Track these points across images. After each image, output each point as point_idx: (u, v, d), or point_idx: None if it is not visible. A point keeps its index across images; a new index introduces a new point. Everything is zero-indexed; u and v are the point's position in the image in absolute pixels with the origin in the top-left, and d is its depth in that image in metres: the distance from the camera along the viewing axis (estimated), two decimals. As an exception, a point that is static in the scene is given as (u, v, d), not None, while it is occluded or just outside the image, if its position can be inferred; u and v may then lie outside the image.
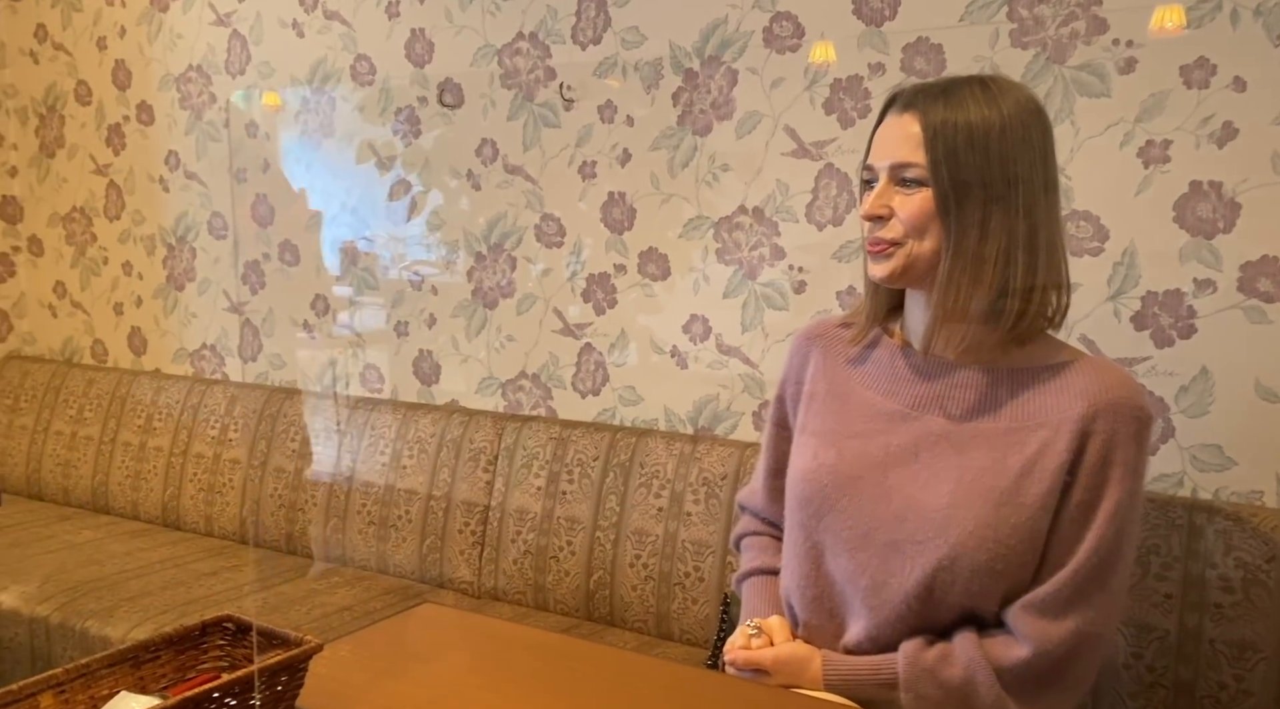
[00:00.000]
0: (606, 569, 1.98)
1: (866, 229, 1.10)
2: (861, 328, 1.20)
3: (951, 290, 1.06)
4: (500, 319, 2.30)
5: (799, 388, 1.25)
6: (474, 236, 2.31)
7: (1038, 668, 1.03)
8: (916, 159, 1.04)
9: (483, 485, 2.15)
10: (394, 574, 2.23)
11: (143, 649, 0.92)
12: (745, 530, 1.35)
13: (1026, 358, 1.10)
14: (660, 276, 2.08)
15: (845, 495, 1.11)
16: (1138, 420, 1.05)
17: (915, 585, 1.05)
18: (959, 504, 1.05)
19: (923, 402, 1.12)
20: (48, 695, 0.84)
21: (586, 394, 2.21)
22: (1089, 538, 1.03)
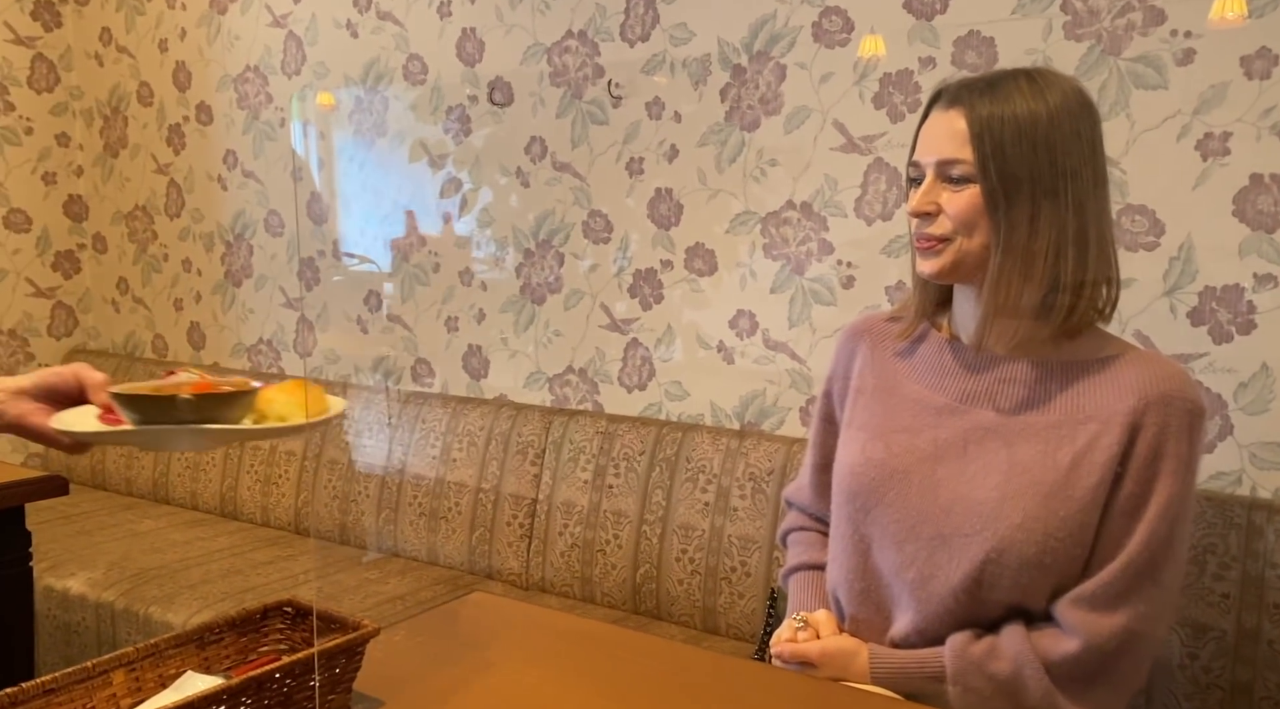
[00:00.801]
0: (653, 563, 1.99)
1: (914, 225, 1.09)
2: (910, 323, 1.19)
3: (1002, 286, 1.05)
4: (548, 314, 2.32)
5: (846, 383, 1.25)
6: (523, 233, 2.33)
7: (1087, 662, 1.02)
8: (963, 155, 1.04)
9: (530, 478, 2.17)
10: (444, 565, 2.26)
11: (207, 631, 0.96)
12: (792, 526, 1.35)
13: (1076, 351, 1.09)
14: (707, 272, 2.09)
15: (893, 489, 1.11)
16: (1190, 413, 1.04)
17: (963, 578, 1.05)
18: (1007, 497, 1.04)
19: (971, 395, 1.11)
20: (120, 673, 0.87)
21: (633, 389, 2.22)
22: (1140, 531, 1.02)
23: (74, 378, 0.98)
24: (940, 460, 1.10)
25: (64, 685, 0.82)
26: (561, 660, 1.06)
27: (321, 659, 0.89)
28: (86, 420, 0.91)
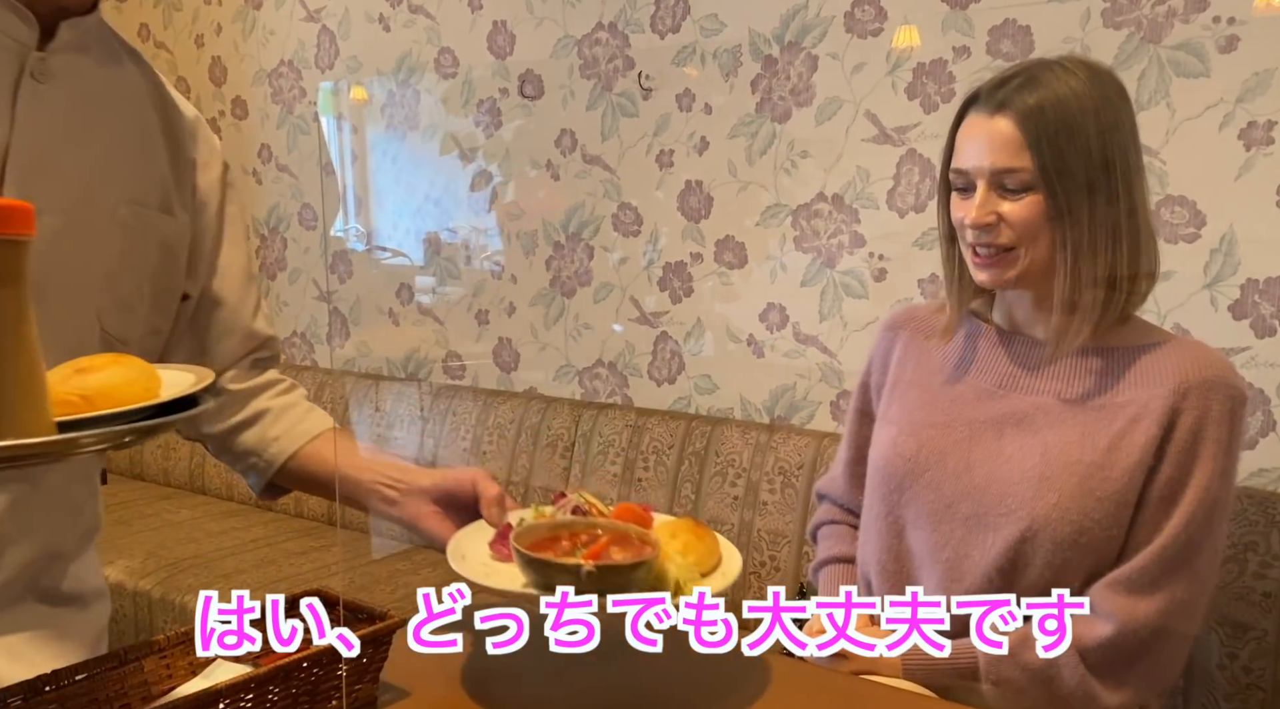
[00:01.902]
0: (682, 557, 1.99)
1: (970, 236, 1.07)
2: (951, 321, 1.18)
3: (1073, 290, 1.04)
4: (578, 307, 2.32)
5: (884, 375, 1.24)
6: (552, 226, 2.34)
7: (1122, 647, 1.01)
8: (1021, 164, 1.01)
9: (560, 471, 2.18)
10: (474, 557, 2.27)
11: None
12: (823, 519, 1.35)
13: (1119, 338, 1.08)
14: (737, 265, 2.08)
15: (929, 469, 1.11)
16: (1231, 399, 1.02)
17: (997, 557, 1.04)
18: (1044, 477, 1.03)
19: (1011, 381, 1.11)
20: (151, 660, 0.88)
21: (662, 382, 2.22)
22: (1177, 515, 1.01)
23: (471, 487, 0.98)
24: (977, 443, 1.09)
25: (96, 672, 0.83)
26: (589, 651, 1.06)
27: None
28: (479, 547, 0.92)
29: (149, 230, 0.96)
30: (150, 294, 0.99)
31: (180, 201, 1.00)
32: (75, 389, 0.65)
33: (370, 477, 1.03)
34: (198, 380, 0.73)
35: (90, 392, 0.65)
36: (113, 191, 0.93)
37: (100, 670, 0.83)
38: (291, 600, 1.01)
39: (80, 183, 0.90)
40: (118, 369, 0.68)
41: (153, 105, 0.98)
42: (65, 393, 0.64)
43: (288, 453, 1.07)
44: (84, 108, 0.91)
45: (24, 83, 0.86)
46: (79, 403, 0.63)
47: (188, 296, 1.04)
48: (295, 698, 0.87)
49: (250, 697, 0.83)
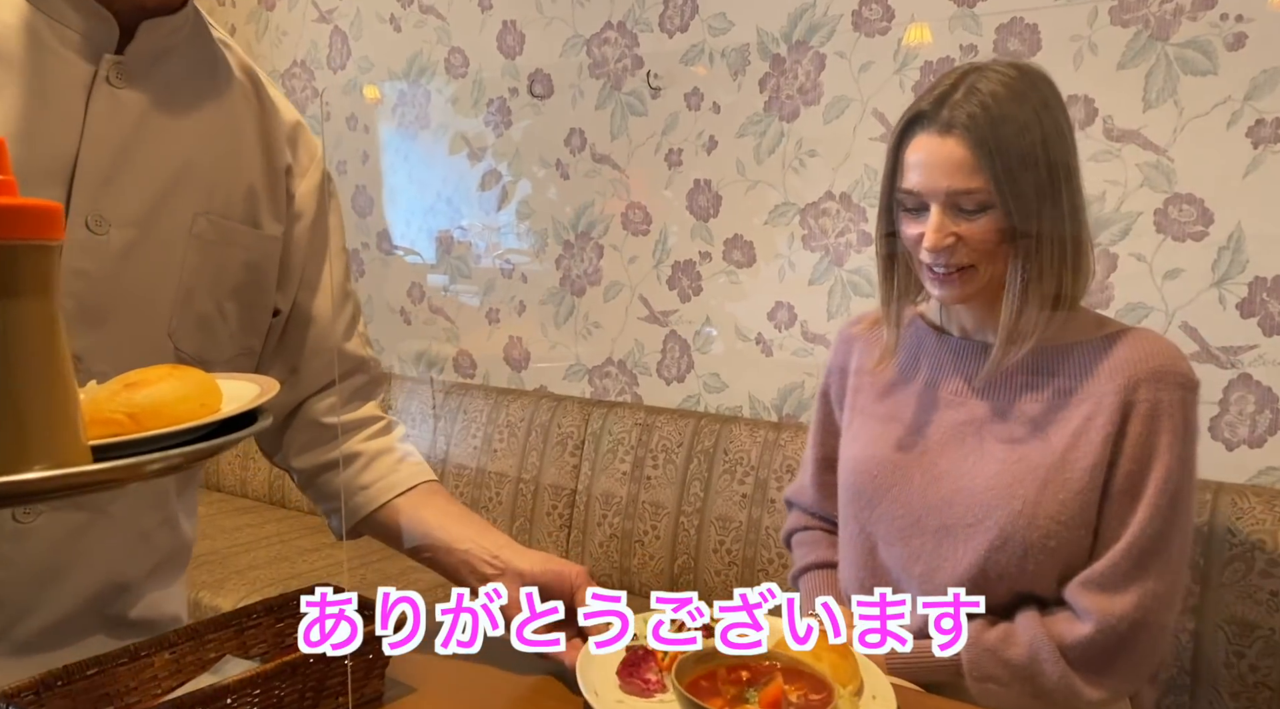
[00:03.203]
0: (690, 554, 2.00)
1: (927, 257, 1.05)
2: (890, 342, 1.16)
3: (1028, 305, 1.03)
4: (587, 306, 2.33)
5: (843, 384, 1.25)
6: (562, 225, 2.35)
7: (1102, 644, 1.01)
8: (977, 184, 1.00)
9: (570, 469, 2.19)
10: (484, 554, 2.29)
11: (245, 616, 0.98)
12: (795, 526, 1.35)
13: (1067, 333, 1.08)
14: (746, 263, 2.08)
15: (895, 484, 1.12)
16: (1182, 388, 1.02)
17: (969, 568, 1.05)
18: (1006, 485, 1.04)
19: (965, 386, 1.11)
20: (162, 655, 0.90)
21: (671, 381, 2.22)
22: (1141, 509, 1.01)
23: (569, 586, 0.94)
24: (941, 453, 1.10)
25: (108, 667, 0.85)
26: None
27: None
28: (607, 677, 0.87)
29: (230, 244, 0.91)
30: (236, 312, 0.94)
31: (272, 212, 0.94)
32: (121, 406, 0.58)
33: (466, 547, 0.97)
34: (262, 392, 0.66)
35: (137, 409, 0.58)
36: (189, 203, 0.88)
37: (111, 666, 0.85)
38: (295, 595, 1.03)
39: (153, 194, 0.86)
40: (170, 383, 0.61)
41: (247, 109, 0.93)
42: (110, 411, 0.58)
43: (375, 505, 1.01)
44: (162, 114, 0.86)
45: (97, 87, 0.82)
46: (125, 422, 0.57)
47: (279, 312, 0.98)
48: (302, 693, 0.88)
49: (258, 692, 0.84)
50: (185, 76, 0.88)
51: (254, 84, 0.95)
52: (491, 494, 2.28)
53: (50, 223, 0.50)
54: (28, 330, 0.50)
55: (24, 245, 0.49)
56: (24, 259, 0.49)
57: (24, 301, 0.49)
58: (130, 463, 0.54)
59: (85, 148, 0.81)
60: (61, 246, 0.51)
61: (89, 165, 0.81)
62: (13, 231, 0.49)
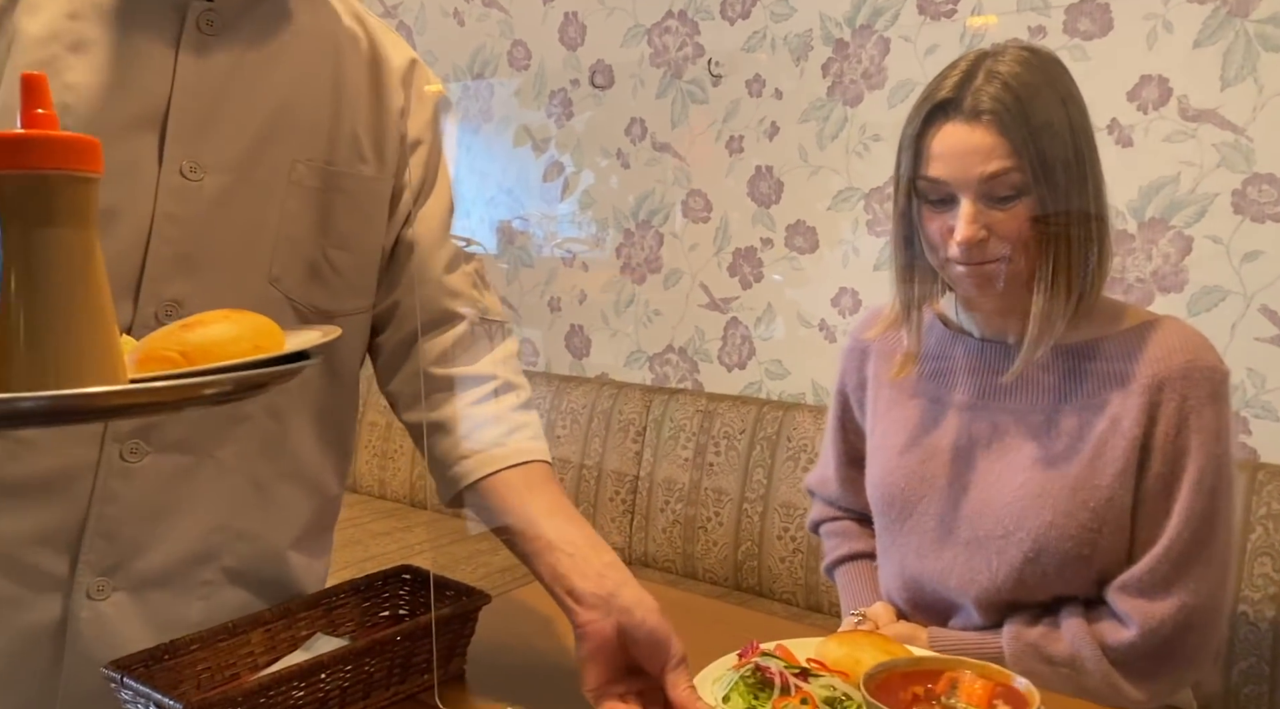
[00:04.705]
0: (754, 541, 2.01)
1: (957, 251, 0.99)
2: (911, 349, 1.12)
3: (1057, 296, 0.99)
4: (648, 294, 2.35)
5: (861, 391, 1.21)
6: (623, 214, 2.36)
7: (1145, 648, 0.98)
8: (1008, 170, 0.96)
9: (632, 456, 2.21)
10: (549, 539, 2.32)
11: (333, 595, 1.02)
12: (823, 516, 1.32)
13: (1089, 329, 1.04)
14: (808, 250, 2.08)
15: (923, 497, 1.09)
16: (1211, 382, 0.98)
17: (1006, 579, 1.03)
18: (1035, 495, 1.01)
19: (988, 390, 1.07)
20: (258, 632, 0.94)
21: (732, 368, 2.23)
22: (1177, 511, 0.97)
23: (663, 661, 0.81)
24: (966, 463, 1.07)
25: (208, 642, 0.89)
26: (665, 632, 1.09)
27: (439, 624, 0.94)
28: None
29: (334, 190, 0.90)
30: (348, 261, 0.92)
31: (380, 155, 0.93)
32: (175, 345, 0.59)
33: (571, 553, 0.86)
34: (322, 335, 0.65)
35: (189, 347, 0.58)
36: (288, 149, 0.87)
37: (212, 641, 0.89)
38: (384, 577, 1.07)
39: (249, 140, 0.85)
40: (225, 324, 0.61)
41: (354, 53, 0.92)
42: (163, 349, 0.58)
43: (474, 477, 0.93)
44: (255, 61, 0.85)
45: (186, 34, 0.82)
46: (177, 359, 0.58)
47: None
48: (390, 670, 0.91)
49: (349, 668, 0.88)
50: (279, 23, 0.87)
51: (363, 27, 0.94)
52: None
53: (86, 155, 0.52)
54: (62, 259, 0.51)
55: (58, 175, 0.50)
56: (59, 189, 0.51)
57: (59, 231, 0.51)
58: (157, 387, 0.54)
59: (176, 96, 0.82)
60: (99, 180, 0.52)
61: (181, 112, 0.82)
62: (47, 162, 0.50)
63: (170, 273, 0.85)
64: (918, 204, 1.03)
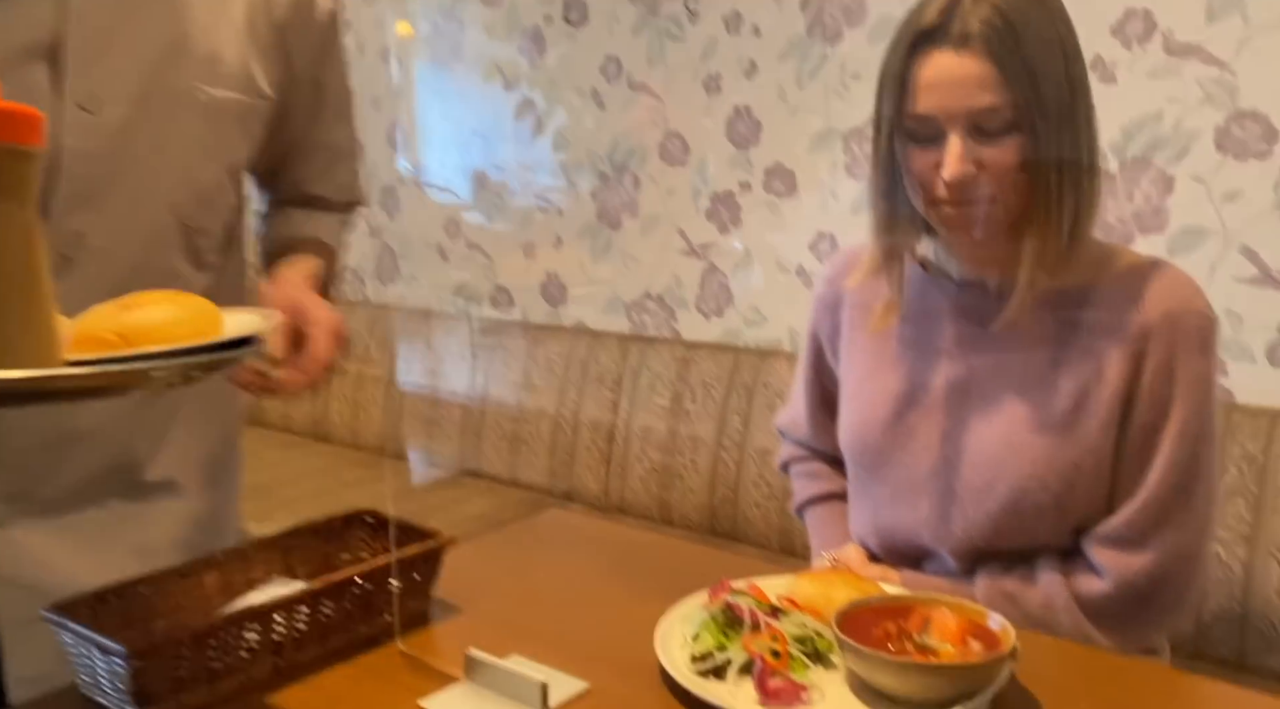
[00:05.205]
0: (730, 487, 2.00)
1: (943, 192, 0.94)
2: (894, 299, 1.07)
3: (1049, 238, 0.95)
4: (624, 240, 2.31)
5: (836, 337, 1.17)
6: (598, 156, 2.31)
7: (1120, 601, 0.97)
8: (1001, 101, 0.90)
9: (609, 404, 2.19)
10: (525, 487, 2.31)
11: (291, 537, 0.99)
12: (793, 456, 1.29)
13: (1077, 274, 0.99)
14: (787, 193, 2.04)
15: (897, 447, 1.06)
16: (1199, 329, 0.95)
17: (981, 530, 1.00)
18: (1014, 446, 0.98)
19: (967, 336, 1.03)
20: (211, 574, 0.91)
21: (710, 315, 2.20)
22: (1159, 463, 0.95)
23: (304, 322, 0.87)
24: (942, 410, 1.03)
25: (158, 585, 0.86)
26: (638, 571, 1.07)
27: (400, 566, 0.92)
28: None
29: (228, 113, 0.91)
30: (233, 182, 0.96)
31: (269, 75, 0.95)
32: (114, 327, 0.58)
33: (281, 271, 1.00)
34: (264, 321, 0.65)
35: (129, 330, 0.58)
36: (182, 76, 0.87)
37: (163, 582, 0.86)
38: (345, 520, 1.04)
39: (145, 68, 0.85)
40: (166, 307, 0.61)
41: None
42: (102, 331, 0.58)
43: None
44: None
45: None
46: (115, 341, 0.57)
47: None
48: (349, 612, 0.89)
49: (305, 610, 0.85)
50: None
51: None
52: (531, 429, 2.29)
53: (27, 128, 0.49)
54: (5, 239, 0.49)
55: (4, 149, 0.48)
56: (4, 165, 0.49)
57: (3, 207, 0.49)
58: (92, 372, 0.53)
59: (71, 26, 0.81)
60: (42, 155, 0.50)
61: (75, 43, 0.82)
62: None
63: (74, 207, 0.85)
64: (901, 143, 0.97)
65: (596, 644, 0.90)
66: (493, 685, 0.82)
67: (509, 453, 2.33)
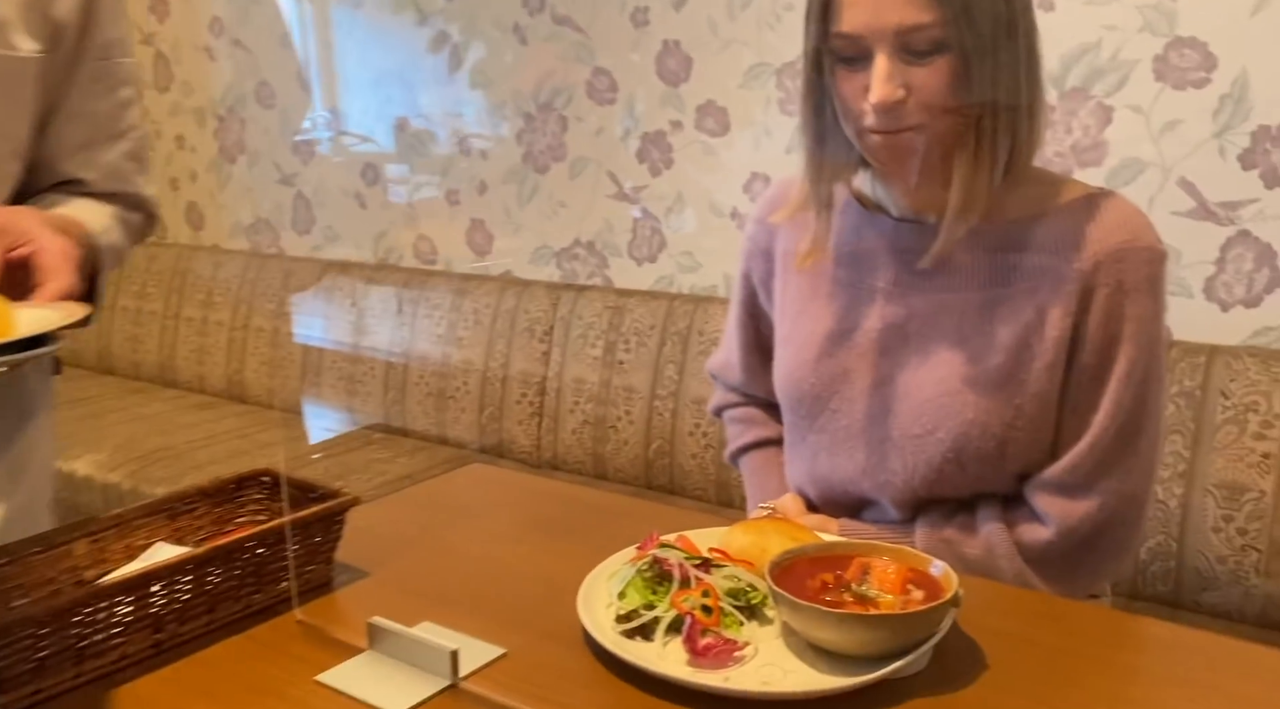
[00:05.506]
0: (666, 438, 1.94)
1: (871, 119, 0.88)
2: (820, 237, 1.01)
3: (981, 168, 0.89)
4: (552, 185, 2.21)
5: (769, 277, 1.11)
6: (522, 96, 2.20)
7: (1062, 548, 0.94)
8: (929, 18, 0.84)
9: (539, 356, 2.11)
10: (454, 445, 2.23)
11: (178, 500, 0.90)
12: (726, 402, 1.23)
13: (1015, 206, 0.94)
14: (719, 132, 1.96)
15: (835, 393, 1.00)
16: (1148, 264, 0.90)
17: (923, 479, 0.96)
18: (955, 391, 0.93)
19: (907, 277, 0.98)
20: (83, 543, 0.82)
21: (643, 261, 2.13)
22: (1104, 406, 0.91)
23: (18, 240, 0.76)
24: (881, 354, 0.99)
25: (20, 556, 0.77)
26: (563, 530, 1.01)
27: (297, 528, 0.84)
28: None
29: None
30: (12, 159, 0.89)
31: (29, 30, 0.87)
32: None
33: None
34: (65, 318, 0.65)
35: None
36: None
37: (24, 555, 0.77)
38: (239, 481, 0.95)
39: None
40: None
41: None
42: None
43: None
44: None
45: None
46: None
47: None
48: (241, 580, 0.81)
49: (188, 579, 0.77)
50: None
51: None
52: (459, 384, 2.20)
53: None
54: None
55: None
56: None
57: None
58: None
59: None
60: None
61: None
62: None
63: None
64: (830, 65, 0.91)
65: (516, 607, 0.84)
66: (399, 655, 0.75)
67: (435, 409, 2.24)
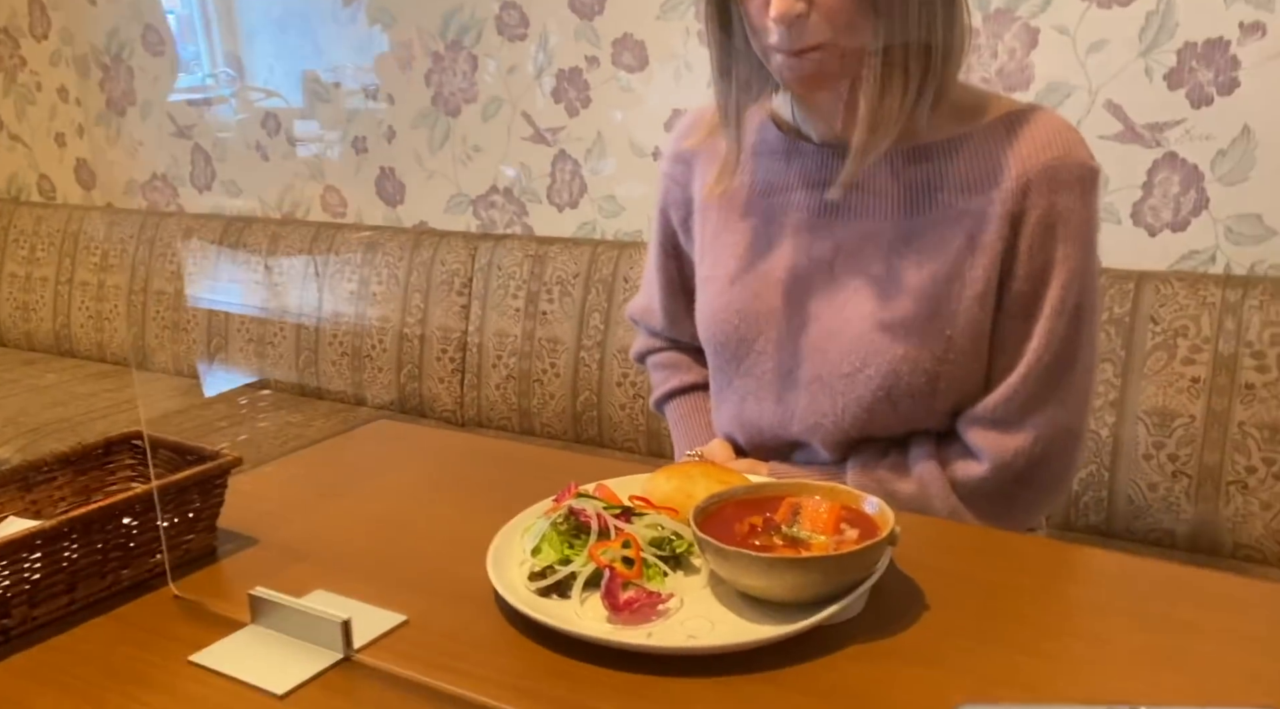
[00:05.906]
0: (593, 390, 1.88)
1: (774, 37, 0.83)
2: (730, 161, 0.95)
3: (891, 87, 0.84)
4: (464, 128, 2.10)
5: (687, 211, 1.05)
6: (429, 33, 2.08)
7: (998, 483, 0.91)
8: None
9: (458, 310, 2.02)
10: (373, 406, 2.13)
11: (33, 469, 0.81)
12: (648, 348, 1.17)
13: (940, 126, 0.89)
14: (637, 67, 1.87)
15: (760, 333, 0.96)
16: (1080, 181, 0.86)
17: (853, 420, 0.92)
18: (885, 326, 0.89)
19: (829, 204, 0.93)
20: (-83, 523, 0.73)
21: (564, 207, 2.04)
22: (1037, 334, 0.87)
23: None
24: (806, 290, 0.93)
25: None
26: (477, 487, 0.94)
27: (170, 494, 0.75)
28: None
29: None
30: None
31: None
32: None
33: None
34: None
35: None
36: None
37: None
38: (106, 445, 0.86)
39: None
40: None
41: None
42: None
43: None
44: None
45: None
46: None
47: None
48: (104, 554, 0.72)
49: (38, 556, 0.68)
50: None
51: None
52: (374, 343, 2.10)
53: None
54: None
55: None
56: None
57: None
58: None
59: None
60: None
61: None
62: None
63: None
64: None
65: (421, 571, 0.77)
66: (284, 628, 0.67)
67: (351, 370, 2.14)
